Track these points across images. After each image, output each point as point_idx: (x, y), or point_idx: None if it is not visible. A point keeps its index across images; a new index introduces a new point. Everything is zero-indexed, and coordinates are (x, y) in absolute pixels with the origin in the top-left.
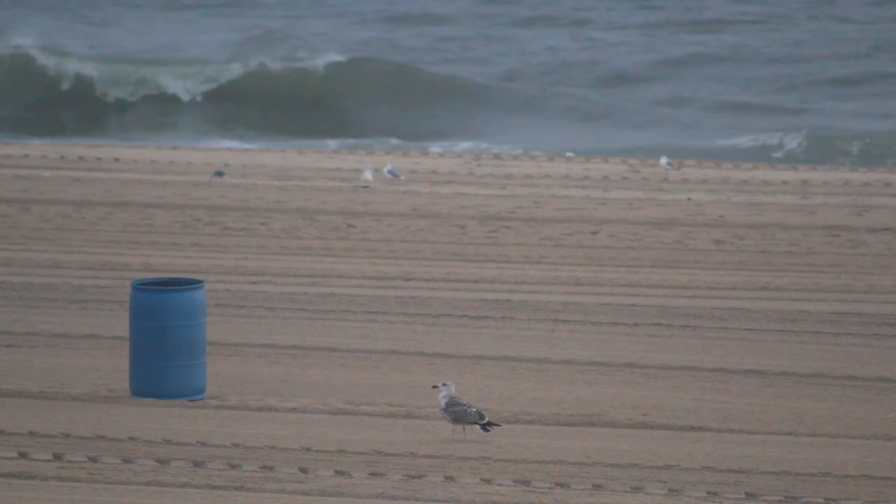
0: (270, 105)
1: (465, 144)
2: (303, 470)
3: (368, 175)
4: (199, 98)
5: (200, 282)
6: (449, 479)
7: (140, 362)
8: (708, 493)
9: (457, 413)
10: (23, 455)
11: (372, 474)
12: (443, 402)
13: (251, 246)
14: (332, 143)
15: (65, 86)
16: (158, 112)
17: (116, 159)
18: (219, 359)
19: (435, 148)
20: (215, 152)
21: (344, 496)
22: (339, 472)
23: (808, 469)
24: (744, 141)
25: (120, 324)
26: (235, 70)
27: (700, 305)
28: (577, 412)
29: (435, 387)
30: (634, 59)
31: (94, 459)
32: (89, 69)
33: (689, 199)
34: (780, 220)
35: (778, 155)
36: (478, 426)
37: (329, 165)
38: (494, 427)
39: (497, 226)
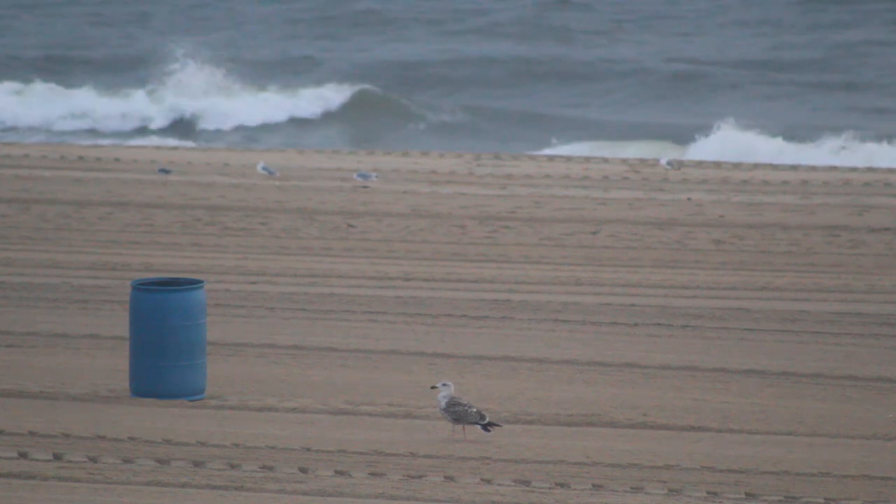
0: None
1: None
2: (303, 470)
3: (260, 168)
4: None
5: (200, 282)
6: (449, 479)
7: (140, 362)
8: (708, 493)
9: (457, 413)
10: (23, 455)
11: (372, 474)
12: (443, 403)
13: (251, 246)
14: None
15: None
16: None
17: (117, 159)
18: (219, 359)
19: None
20: (215, 152)
21: (344, 496)
22: (339, 472)
23: (808, 469)
24: None
25: (120, 324)
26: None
27: (700, 305)
28: (577, 412)
29: (434, 387)
30: None
31: (94, 459)
32: None
33: (689, 199)
34: (780, 220)
35: None
36: (478, 426)
37: (329, 165)
38: (495, 427)
39: (497, 226)
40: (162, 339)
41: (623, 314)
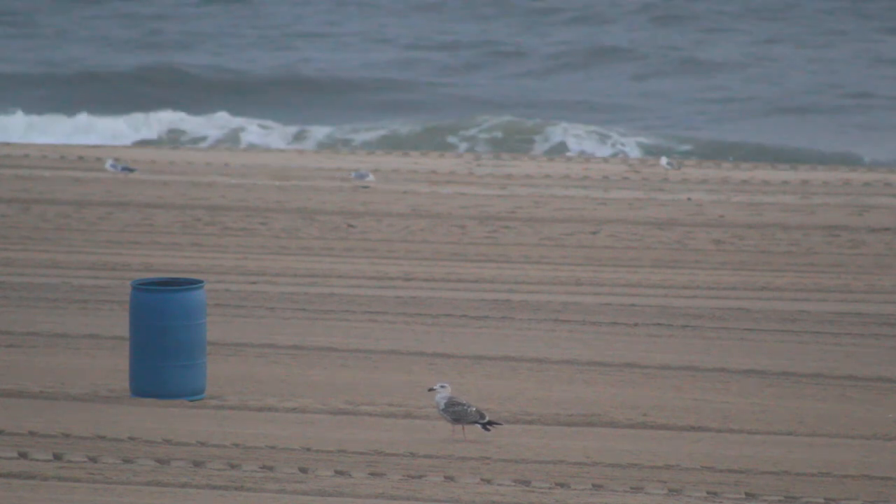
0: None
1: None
2: (303, 470)
3: (108, 165)
4: None
5: (200, 282)
6: (449, 479)
7: (140, 362)
8: (708, 493)
9: (457, 413)
10: (23, 455)
11: (372, 474)
12: (442, 403)
13: (251, 246)
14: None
15: None
16: None
17: (116, 159)
18: (219, 359)
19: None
20: (216, 152)
21: (344, 496)
22: (339, 472)
23: (808, 469)
24: None
25: (120, 324)
26: None
27: (700, 305)
28: (577, 412)
29: (431, 389)
30: None
31: (94, 459)
32: None
33: (689, 199)
34: (780, 220)
35: None
36: (479, 425)
37: (329, 165)
38: (495, 426)
39: (497, 226)
40: (162, 339)
41: (623, 314)
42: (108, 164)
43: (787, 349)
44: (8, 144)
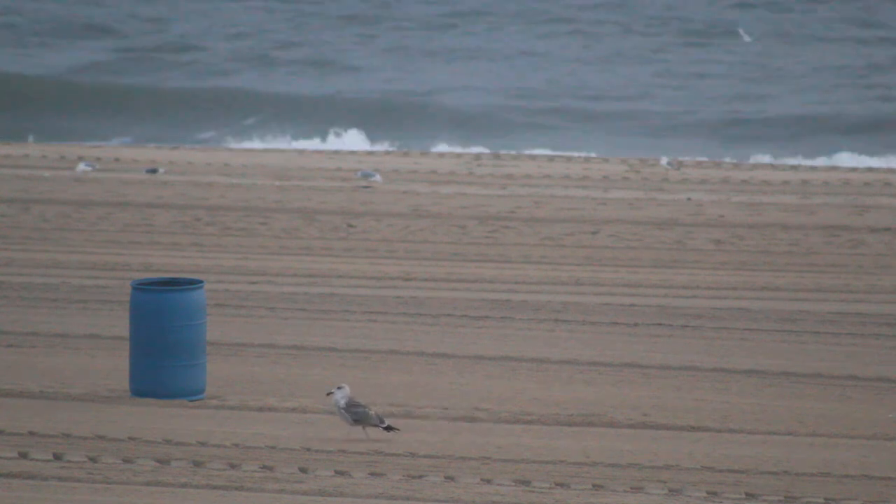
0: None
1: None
2: (303, 470)
3: (83, 166)
4: None
5: (200, 282)
6: (449, 479)
7: (140, 362)
8: (708, 493)
9: (359, 414)
10: (23, 455)
11: (372, 474)
12: (342, 402)
13: (251, 246)
14: None
15: None
16: None
17: (116, 159)
18: (219, 359)
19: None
20: (215, 152)
21: (344, 496)
22: (339, 472)
23: (808, 469)
24: None
25: (120, 324)
26: None
27: (700, 305)
28: (577, 412)
29: (330, 393)
30: None
31: (94, 459)
32: None
33: (689, 199)
34: (780, 220)
35: None
36: (380, 428)
37: (329, 165)
38: (394, 430)
39: (497, 226)
40: (162, 339)
41: (623, 314)
42: (81, 165)
43: (787, 349)
44: (8, 144)
